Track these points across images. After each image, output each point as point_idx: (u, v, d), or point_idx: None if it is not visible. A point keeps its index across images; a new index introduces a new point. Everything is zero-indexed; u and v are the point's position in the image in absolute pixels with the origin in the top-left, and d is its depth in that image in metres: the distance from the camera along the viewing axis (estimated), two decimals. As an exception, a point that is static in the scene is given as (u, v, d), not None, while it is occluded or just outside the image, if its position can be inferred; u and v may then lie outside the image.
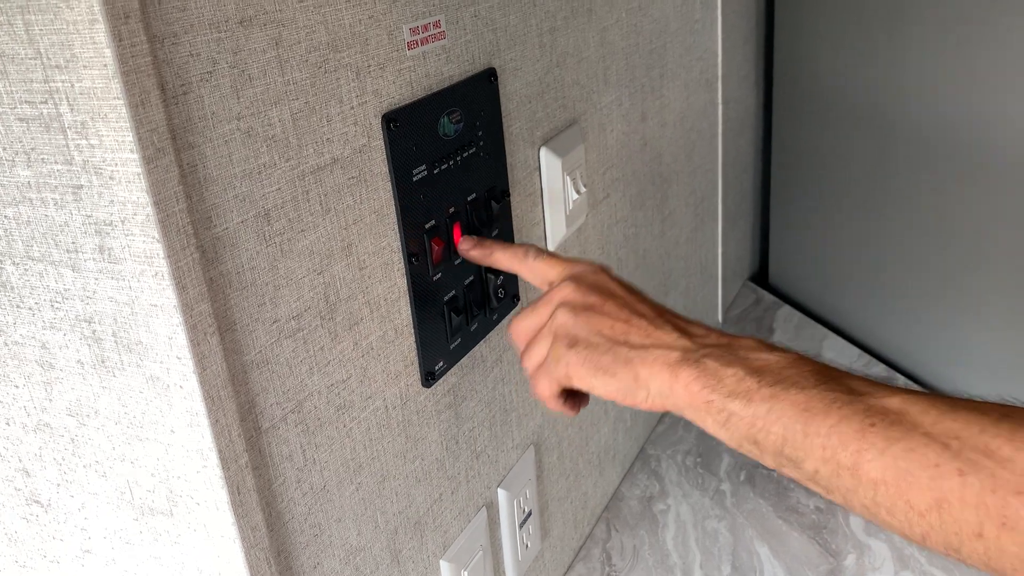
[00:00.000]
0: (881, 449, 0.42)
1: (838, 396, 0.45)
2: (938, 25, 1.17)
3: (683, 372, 0.49)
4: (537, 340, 0.56)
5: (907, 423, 0.42)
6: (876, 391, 0.45)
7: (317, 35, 0.50)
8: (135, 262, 0.42)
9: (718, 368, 0.48)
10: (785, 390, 0.46)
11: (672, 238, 1.15)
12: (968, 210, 1.21)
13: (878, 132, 1.30)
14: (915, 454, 0.41)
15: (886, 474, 0.42)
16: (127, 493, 0.51)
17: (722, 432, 0.48)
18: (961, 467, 0.40)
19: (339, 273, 0.54)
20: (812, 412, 0.45)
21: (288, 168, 0.49)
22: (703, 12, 1.16)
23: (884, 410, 0.43)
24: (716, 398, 0.48)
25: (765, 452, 0.46)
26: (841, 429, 0.43)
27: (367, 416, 0.58)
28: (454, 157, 0.63)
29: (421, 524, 0.66)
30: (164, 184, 0.41)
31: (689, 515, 1.03)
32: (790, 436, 0.45)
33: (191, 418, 0.45)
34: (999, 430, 0.40)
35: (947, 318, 1.29)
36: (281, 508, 0.52)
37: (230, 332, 0.47)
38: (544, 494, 0.87)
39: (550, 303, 0.56)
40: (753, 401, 0.46)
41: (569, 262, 0.59)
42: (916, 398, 0.44)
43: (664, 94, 1.05)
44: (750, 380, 0.47)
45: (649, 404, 0.51)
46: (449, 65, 0.62)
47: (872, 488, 0.42)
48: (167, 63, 0.41)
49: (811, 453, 0.44)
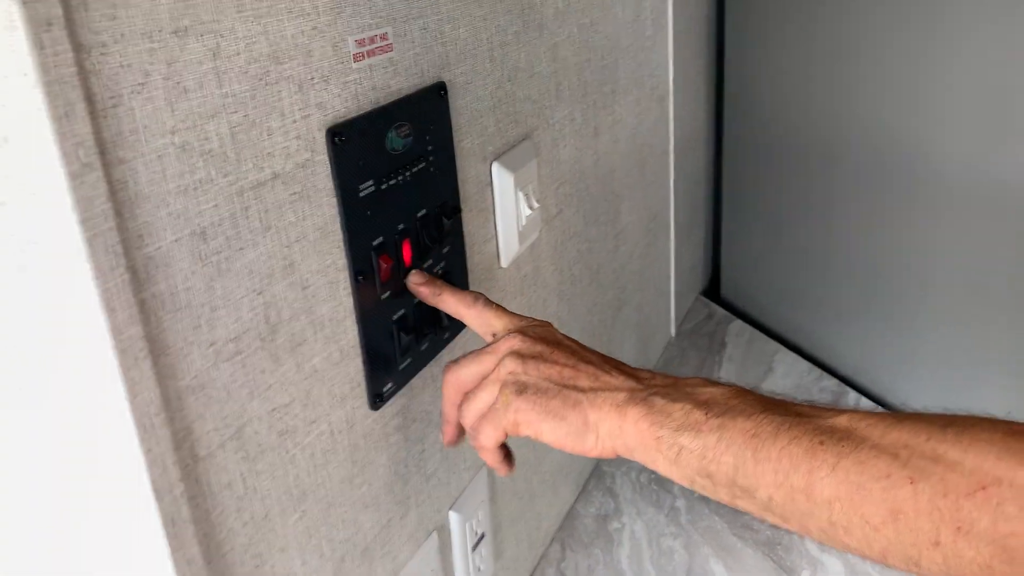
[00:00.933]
0: (832, 465, 0.42)
1: (785, 419, 0.45)
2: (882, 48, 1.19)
3: (631, 411, 0.49)
4: (481, 388, 0.55)
5: (855, 438, 0.42)
6: (823, 413, 0.45)
7: (258, 46, 0.48)
8: (60, 284, 0.40)
9: (665, 404, 0.49)
10: (733, 419, 0.46)
11: (625, 253, 1.15)
12: (915, 227, 1.23)
13: (827, 149, 1.32)
14: (866, 466, 0.41)
15: (839, 490, 0.41)
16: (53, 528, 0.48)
17: (673, 469, 0.48)
18: (911, 475, 0.40)
19: (281, 293, 0.52)
20: (761, 437, 0.45)
21: (226, 184, 0.47)
22: (654, 29, 1.16)
23: (832, 428, 0.44)
24: (665, 433, 0.48)
25: (718, 485, 0.46)
26: (791, 451, 0.43)
27: (311, 441, 0.56)
28: (403, 172, 0.61)
29: (369, 551, 0.64)
30: (91, 201, 0.38)
31: (644, 533, 1.02)
32: (741, 464, 0.45)
33: (122, 447, 0.43)
34: (945, 435, 0.40)
35: (895, 333, 1.30)
36: (220, 539, 0.49)
37: (164, 356, 0.44)
38: (497, 515, 0.85)
39: (496, 353, 0.55)
40: (702, 432, 0.46)
41: (516, 316, 0.59)
42: (862, 415, 0.44)
43: (616, 110, 1.05)
44: (698, 412, 0.47)
45: (599, 449, 0.51)
46: (397, 78, 0.60)
47: (827, 507, 0.42)
48: (95, 74, 0.39)
49: (763, 479, 0.44)
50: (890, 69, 1.19)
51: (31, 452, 0.46)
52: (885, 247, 1.28)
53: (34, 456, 0.46)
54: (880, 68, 1.20)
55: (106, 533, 0.46)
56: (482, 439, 0.55)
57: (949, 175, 1.17)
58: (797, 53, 1.31)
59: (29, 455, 0.46)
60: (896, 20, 1.16)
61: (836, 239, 1.35)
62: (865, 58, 1.22)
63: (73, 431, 0.44)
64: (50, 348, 0.42)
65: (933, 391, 1.28)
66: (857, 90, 1.25)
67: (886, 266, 1.29)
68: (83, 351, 0.41)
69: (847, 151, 1.29)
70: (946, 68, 1.13)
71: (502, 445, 0.56)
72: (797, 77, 1.32)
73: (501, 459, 0.57)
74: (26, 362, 0.43)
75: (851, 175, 1.29)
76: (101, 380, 0.41)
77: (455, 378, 0.57)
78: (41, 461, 0.46)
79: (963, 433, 0.40)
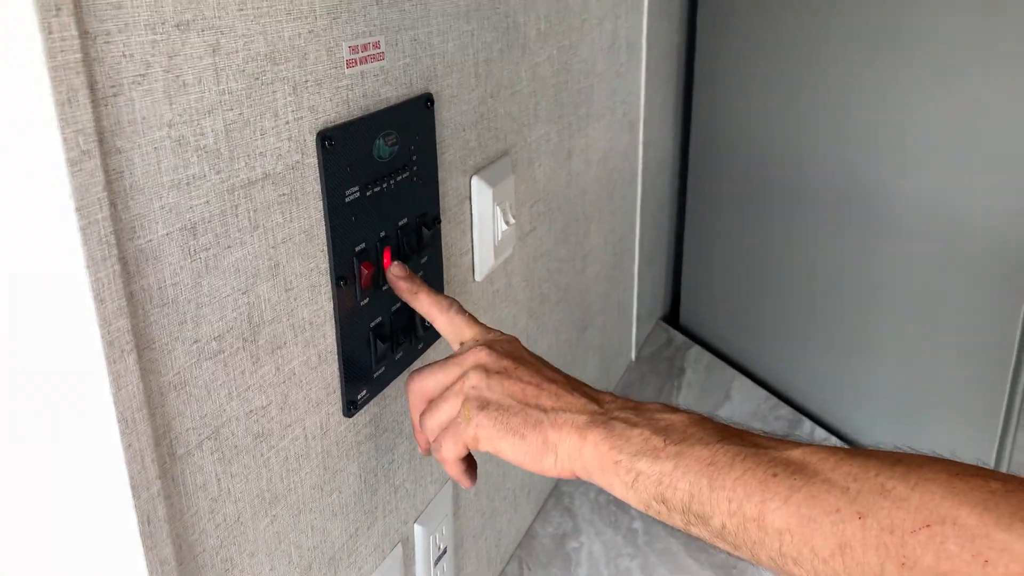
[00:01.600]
0: (785, 498, 0.43)
1: (741, 450, 0.46)
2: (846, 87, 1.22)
3: (591, 434, 0.50)
4: (444, 399, 0.55)
5: (809, 471, 0.43)
6: (779, 445, 0.46)
7: (256, 45, 0.48)
8: (50, 272, 0.39)
9: (625, 429, 0.49)
10: (690, 447, 0.47)
11: (592, 275, 1.16)
12: (871, 262, 1.27)
13: (788, 183, 1.35)
14: (817, 500, 0.42)
15: (790, 522, 0.42)
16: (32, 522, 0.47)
17: (630, 493, 0.48)
18: (860, 510, 0.41)
19: (264, 294, 0.52)
20: (717, 466, 0.45)
21: (218, 181, 0.47)
22: (628, 55, 1.19)
23: (787, 461, 0.44)
24: (624, 458, 0.48)
25: (673, 511, 0.47)
26: (746, 480, 0.44)
27: (286, 445, 0.56)
28: (387, 181, 0.61)
29: (336, 560, 0.63)
30: (87, 189, 0.38)
31: (602, 553, 1.03)
32: (696, 492, 0.45)
33: (102, 441, 0.42)
34: (894, 472, 0.41)
35: (849, 365, 1.34)
36: (192, 540, 0.49)
37: (148, 351, 0.44)
38: (460, 531, 0.85)
39: (461, 365, 0.55)
40: (660, 458, 0.47)
41: (486, 328, 0.59)
42: (816, 449, 0.45)
43: (589, 133, 1.06)
44: (656, 439, 0.48)
45: (558, 470, 0.51)
46: (387, 87, 0.61)
47: (778, 538, 0.43)
48: (98, 62, 0.38)
49: (718, 507, 0.45)
50: (852, 108, 1.23)
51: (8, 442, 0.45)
52: (841, 281, 1.31)
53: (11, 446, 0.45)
54: (843, 107, 1.24)
55: (80, 528, 0.45)
56: (444, 451, 0.55)
57: (906, 212, 1.21)
58: (764, 89, 1.35)
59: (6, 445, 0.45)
60: (861, 60, 1.20)
61: (794, 271, 1.38)
62: (829, 96, 1.26)
63: (53, 422, 0.43)
64: (35, 337, 0.41)
65: (884, 422, 1.31)
66: (819, 127, 1.28)
67: (842, 299, 1.32)
68: (69, 341, 0.40)
69: (808, 186, 1.32)
70: (906, 109, 1.17)
71: (466, 457, 0.56)
72: (763, 112, 1.36)
73: (463, 471, 0.56)
74: (9, 350, 0.42)
75: (811, 210, 1.33)
76: (86, 372, 0.40)
77: (419, 387, 0.57)
78: (18, 451, 0.45)
79: (911, 471, 0.41)
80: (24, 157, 0.37)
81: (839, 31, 1.22)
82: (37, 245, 0.39)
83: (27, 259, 0.39)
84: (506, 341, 0.57)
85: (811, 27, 1.25)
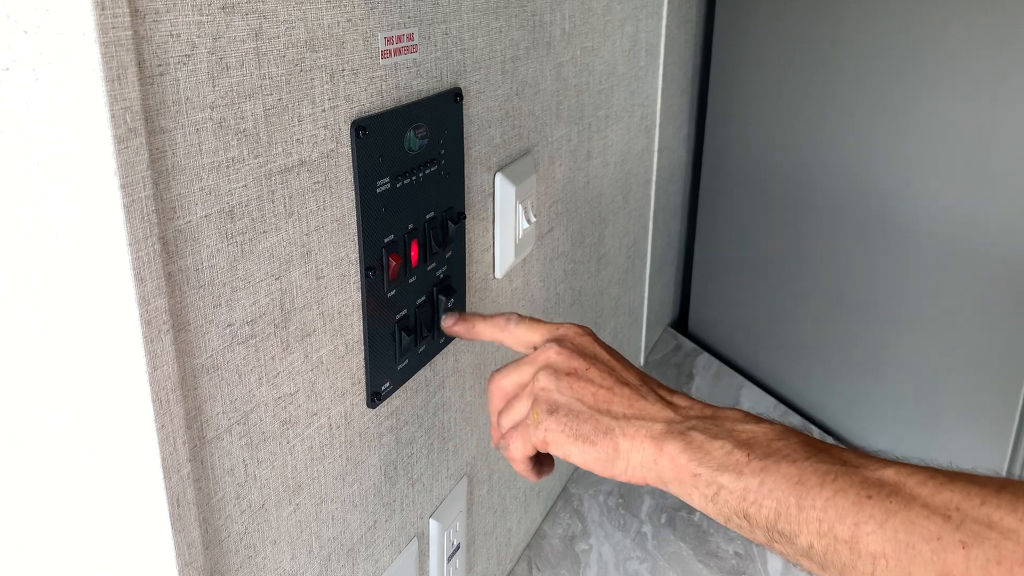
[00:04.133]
0: (880, 522, 0.41)
1: (831, 468, 0.44)
2: (860, 97, 1.23)
3: (668, 445, 0.48)
4: (517, 400, 0.55)
5: (905, 495, 0.42)
6: (869, 463, 0.44)
7: (296, 32, 0.48)
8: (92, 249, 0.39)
9: (705, 441, 0.47)
10: (776, 463, 0.45)
11: (605, 278, 1.16)
12: (882, 272, 1.27)
13: (800, 191, 1.35)
14: (915, 526, 0.40)
15: (886, 547, 0.41)
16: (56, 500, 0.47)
17: (710, 507, 0.47)
18: (964, 539, 0.39)
19: (297, 280, 0.52)
20: (806, 485, 0.44)
21: (256, 165, 0.47)
22: (647, 60, 1.19)
23: (880, 482, 0.43)
24: (704, 471, 0.46)
25: (756, 527, 0.45)
26: (837, 502, 0.42)
27: (311, 433, 0.56)
28: (417, 173, 0.61)
29: (354, 552, 0.63)
30: (132, 167, 0.38)
31: (611, 556, 1.03)
32: (783, 510, 0.44)
33: (135, 421, 0.42)
34: (1000, 501, 0.40)
35: (857, 375, 1.33)
36: (218, 525, 0.48)
37: (183, 332, 0.44)
38: (472, 528, 0.85)
39: (533, 364, 0.55)
40: (744, 474, 0.45)
41: (553, 325, 0.58)
42: (912, 470, 0.43)
43: (608, 135, 1.07)
44: (739, 453, 0.46)
45: (628, 476, 0.50)
46: (419, 79, 0.61)
47: (871, 562, 0.41)
48: (147, 40, 0.39)
49: (806, 527, 0.43)
50: (866, 117, 1.23)
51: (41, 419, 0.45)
52: (851, 289, 1.31)
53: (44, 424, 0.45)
54: (857, 117, 1.24)
55: (109, 508, 0.45)
56: (512, 450, 0.54)
57: (917, 222, 1.21)
58: (778, 97, 1.35)
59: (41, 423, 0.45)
60: (876, 69, 1.20)
61: (804, 279, 1.38)
62: (843, 106, 1.26)
63: (87, 401, 0.43)
64: (73, 314, 0.41)
65: (894, 431, 1.31)
66: (833, 136, 1.28)
67: (851, 308, 1.32)
68: (108, 318, 0.40)
69: (819, 195, 1.32)
70: (919, 119, 1.17)
71: (536, 455, 0.55)
72: (776, 121, 1.36)
73: (530, 468, 0.56)
74: (49, 327, 0.42)
75: (821, 218, 1.33)
76: (123, 350, 0.40)
77: (498, 386, 0.57)
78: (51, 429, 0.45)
79: (1019, 500, 0.39)
80: (72, 133, 0.37)
81: (854, 41, 1.22)
82: (80, 221, 0.39)
83: (69, 236, 0.39)
84: (577, 335, 0.56)
85: (826, 37, 1.25)
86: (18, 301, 0.43)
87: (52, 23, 0.36)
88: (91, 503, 0.46)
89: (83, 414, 0.43)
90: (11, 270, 0.42)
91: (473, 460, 0.82)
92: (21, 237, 0.41)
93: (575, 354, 0.54)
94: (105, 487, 0.45)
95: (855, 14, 1.22)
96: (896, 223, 1.23)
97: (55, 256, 0.40)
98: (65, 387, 0.43)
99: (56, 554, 0.49)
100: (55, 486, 0.46)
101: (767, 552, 1.03)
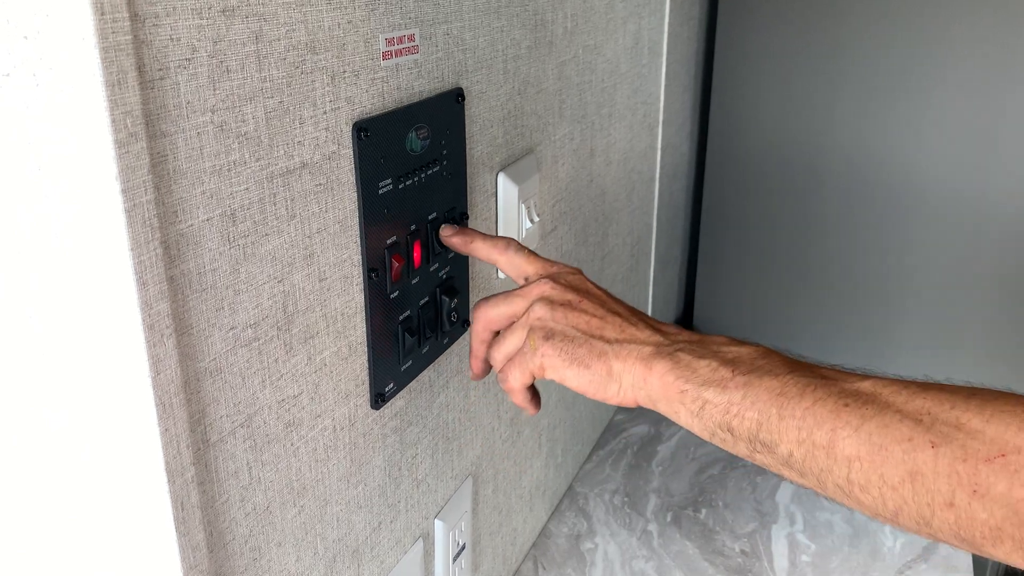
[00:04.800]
0: (856, 426, 0.43)
1: (811, 381, 0.46)
2: (865, 92, 1.22)
3: (657, 364, 0.50)
4: (511, 331, 0.56)
5: (880, 402, 0.44)
6: (848, 376, 0.47)
7: (297, 34, 0.48)
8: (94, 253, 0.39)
9: (692, 360, 0.50)
10: (759, 377, 0.47)
11: (610, 276, 1.16)
12: (887, 265, 1.26)
13: (804, 186, 1.35)
14: (889, 429, 0.42)
15: (860, 450, 0.43)
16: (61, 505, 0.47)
17: (695, 421, 0.49)
18: (933, 439, 0.41)
19: (299, 283, 0.52)
20: (787, 396, 0.46)
21: (258, 168, 0.47)
22: (650, 58, 1.19)
23: (857, 392, 0.45)
24: (690, 387, 0.49)
25: (739, 439, 0.47)
26: (816, 410, 0.45)
27: (315, 436, 0.56)
28: (419, 174, 0.61)
29: (359, 553, 0.63)
30: (133, 172, 0.38)
31: (617, 555, 1.02)
32: (764, 420, 0.46)
33: (139, 424, 0.42)
34: (968, 405, 0.42)
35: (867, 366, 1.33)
36: (223, 528, 0.49)
37: (186, 336, 0.44)
38: (478, 527, 0.85)
39: (527, 297, 0.56)
40: (728, 388, 0.47)
41: (548, 261, 0.60)
42: (887, 381, 0.45)
43: (611, 133, 1.06)
44: (724, 369, 0.48)
45: (620, 397, 0.52)
46: (420, 80, 0.61)
47: (846, 465, 0.43)
48: (147, 44, 0.39)
49: (786, 435, 0.45)
50: (870, 114, 1.23)
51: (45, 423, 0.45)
52: (857, 285, 1.31)
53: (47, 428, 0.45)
54: (860, 113, 1.24)
55: (113, 512, 0.45)
56: (511, 381, 0.56)
57: (923, 217, 1.20)
58: (781, 93, 1.34)
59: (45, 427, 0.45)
60: (879, 65, 1.20)
61: (809, 275, 1.37)
62: (846, 103, 1.25)
63: (90, 405, 0.43)
64: (76, 319, 0.41)
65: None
66: (836, 133, 1.28)
67: (857, 303, 1.32)
68: (110, 323, 0.40)
69: (824, 191, 1.32)
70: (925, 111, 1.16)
71: (530, 387, 0.57)
72: (780, 116, 1.36)
73: (528, 399, 0.58)
74: (52, 332, 0.42)
75: (826, 215, 1.32)
76: (125, 354, 0.40)
77: (485, 316, 0.58)
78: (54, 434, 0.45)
79: (986, 404, 0.41)
80: (72, 137, 0.37)
81: (856, 37, 1.22)
82: (81, 226, 0.39)
83: (71, 240, 0.39)
84: (569, 273, 0.58)
85: (828, 33, 1.25)
86: (21, 307, 0.43)
87: (52, 28, 0.36)
88: (95, 507, 0.46)
89: (87, 418, 0.43)
90: (12, 276, 0.42)
91: (478, 460, 0.82)
92: (22, 243, 0.41)
93: (568, 288, 0.56)
94: (109, 491, 0.45)
95: (857, 10, 1.21)
96: (900, 217, 1.23)
97: (57, 262, 0.40)
98: (70, 391, 0.43)
99: (61, 558, 0.49)
100: (59, 490, 0.47)
101: (773, 550, 1.03)
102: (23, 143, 0.39)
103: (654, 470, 1.17)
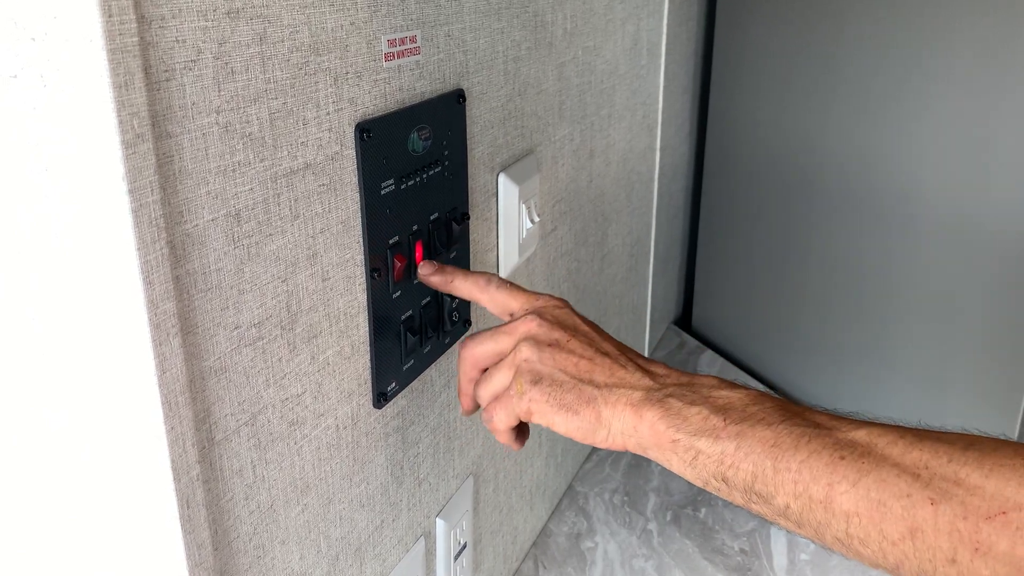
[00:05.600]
0: (853, 481, 0.43)
1: (805, 431, 0.45)
2: (864, 93, 1.23)
3: (647, 412, 0.49)
4: (497, 370, 0.55)
5: (876, 455, 0.43)
6: (841, 425, 0.46)
7: (300, 35, 0.48)
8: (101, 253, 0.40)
9: (682, 407, 0.48)
10: (752, 427, 0.46)
11: (609, 276, 1.16)
12: (885, 267, 1.27)
13: (802, 187, 1.35)
14: (887, 484, 0.42)
15: (859, 506, 0.42)
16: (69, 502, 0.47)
17: (688, 471, 0.48)
18: (932, 496, 0.41)
19: (303, 282, 0.52)
20: (781, 448, 0.45)
21: (262, 169, 0.47)
22: (648, 59, 1.19)
23: (852, 443, 0.44)
24: (682, 437, 0.48)
25: (734, 489, 0.46)
26: (811, 463, 0.44)
27: (318, 434, 0.56)
28: (420, 174, 0.62)
29: (362, 551, 0.63)
30: (140, 172, 0.38)
31: (617, 553, 1.03)
32: (759, 472, 0.45)
33: (145, 423, 0.42)
34: (966, 458, 0.41)
35: (864, 369, 1.34)
36: (227, 526, 0.49)
37: (191, 335, 0.44)
38: (479, 526, 0.85)
39: (513, 334, 0.55)
40: (720, 439, 0.46)
41: (532, 294, 0.58)
42: (882, 430, 0.45)
43: (610, 134, 1.07)
44: (715, 418, 0.47)
45: (609, 443, 0.51)
46: (421, 81, 0.61)
47: (845, 520, 0.43)
48: (153, 46, 0.39)
49: (782, 488, 0.44)
50: (868, 114, 1.23)
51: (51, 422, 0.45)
52: (854, 286, 1.31)
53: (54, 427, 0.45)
54: (858, 113, 1.24)
55: (119, 511, 0.45)
56: (495, 421, 0.55)
57: (921, 219, 1.21)
58: (780, 94, 1.35)
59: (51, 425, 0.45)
60: (877, 66, 1.20)
61: (807, 276, 1.38)
62: (845, 103, 1.26)
63: (96, 404, 0.43)
64: (82, 318, 0.42)
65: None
66: (835, 134, 1.28)
67: (855, 305, 1.32)
68: (116, 322, 0.40)
69: (821, 192, 1.32)
70: (922, 113, 1.17)
71: (516, 425, 0.56)
72: (778, 118, 1.36)
73: (514, 438, 0.57)
74: (59, 331, 0.43)
75: (824, 215, 1.33)
76: (132, 353, 0.41)
77: (471, 354, 0.57)
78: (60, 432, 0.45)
79: (984, 457, 0.41)
80: (79, 138, 0.38)
81: (855, 38, 1.22)
82: (88, 226, 0.39)
83: (78, 241, 0.40)
84: (556, 307, 0.56)
85: (827, 34, 1.26)
86: (27, 307, 0.43)
87: (59, 30, 0.36)
88: (102, 506, 0.46)
89: (94, 417, 0.44)
90: (18, 275, 0.42)
91: (479, 459, 0.82)
92: (28, 242, 0.41)
93: (555, 326, 0.54)
94: (116, 489, 0.45)
95: (856, 11, 1.22)
96: (898, 219, 1.24)
97: (64, 262, 0.41)
98: (76, 390, 0.44)
99: (67, 556, 0.49)
100: (65, 489, 0.47)
101: (772, 549, 1.03)
102: (30, 144, 0.39)
103: (654, 469, 1.18)
